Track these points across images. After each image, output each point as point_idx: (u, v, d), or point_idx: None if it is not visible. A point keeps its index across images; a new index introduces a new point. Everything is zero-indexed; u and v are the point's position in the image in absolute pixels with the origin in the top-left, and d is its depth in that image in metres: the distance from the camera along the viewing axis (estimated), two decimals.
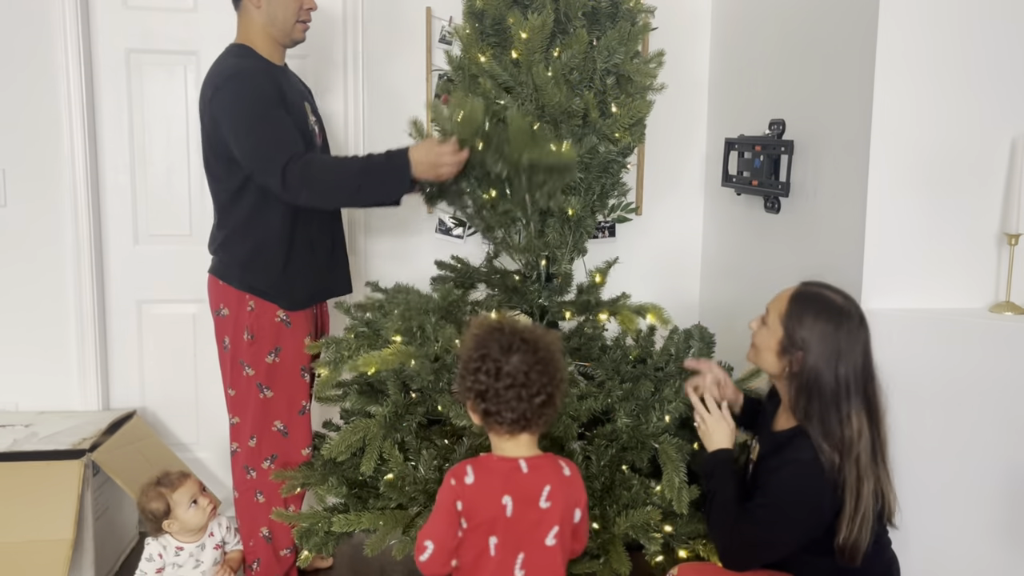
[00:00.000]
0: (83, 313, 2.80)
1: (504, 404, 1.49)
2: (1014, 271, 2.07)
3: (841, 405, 1.66)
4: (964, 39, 2.04)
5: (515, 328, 1.55)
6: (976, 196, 2.09)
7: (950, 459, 2.01)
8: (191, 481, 2.23)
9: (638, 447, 1.94)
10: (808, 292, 1.74)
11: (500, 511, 1.50)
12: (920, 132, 2.04)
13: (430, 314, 1.94)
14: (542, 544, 1.52)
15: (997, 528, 1.98)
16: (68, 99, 2.72)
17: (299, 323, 2.25)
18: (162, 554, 2.21)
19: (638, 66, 2.08)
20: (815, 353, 1.67)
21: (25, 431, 2.54)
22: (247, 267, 2.19)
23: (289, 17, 2.17)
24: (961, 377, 1.98)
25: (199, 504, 2.21)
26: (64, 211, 2.76)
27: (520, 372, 1.49)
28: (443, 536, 1.51)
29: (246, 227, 2.17)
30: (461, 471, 1.53)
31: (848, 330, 1.67)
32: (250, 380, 2.23)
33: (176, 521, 2.19)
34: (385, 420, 1.98)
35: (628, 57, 2.08)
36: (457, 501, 1.50)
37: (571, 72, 2.03)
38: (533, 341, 1.52)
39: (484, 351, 1.52)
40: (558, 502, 1.53)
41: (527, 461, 1.54)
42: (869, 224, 2.05)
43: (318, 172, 2.02)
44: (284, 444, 2.28)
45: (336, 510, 2.03)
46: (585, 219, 2.20)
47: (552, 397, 1.52)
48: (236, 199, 2.16)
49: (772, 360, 1.75)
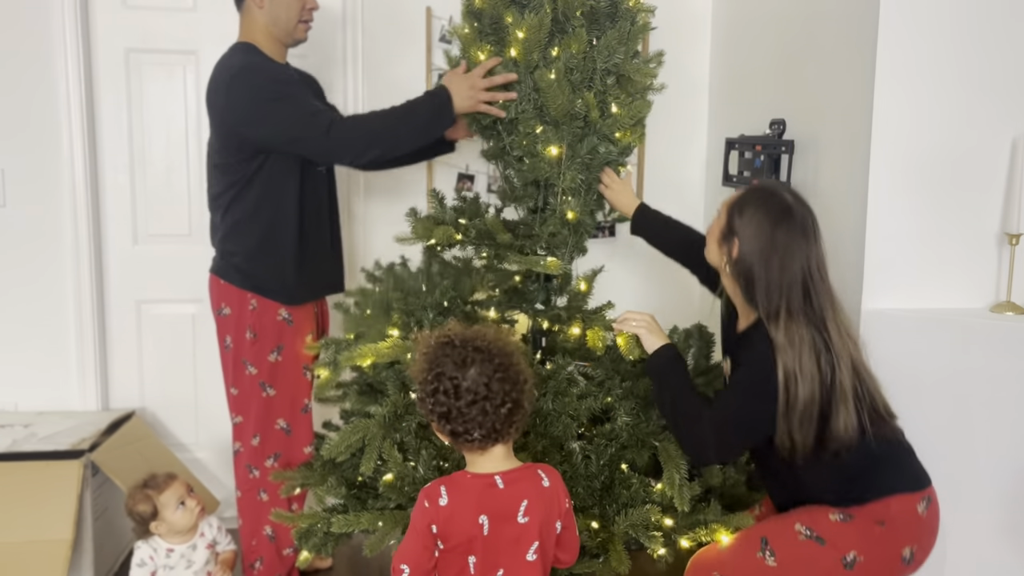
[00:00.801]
0: (82, 313, 2.80)
1: (471, 421, 1.43)
2: (1015, 271, 2.07)
3: (774, 301, 1.66)
4: (964, 39, 2.04)
5: (465, 338, 1.46)
6: (976, 196, 2.09)
7: (951, 459, 2.00)
8: (178, 483, 2.21)
9: (638, 446, 1.94)
10: (761, 187, 1.77)
11: (477, 531, 1.45)
12: (920, 132, 2.04)
13: (428, 310, 1.93)
14: (523, 560, 1.48)
15: (999, 528, 1.98)
16: (68, 99, 2.72)
17: (301, 321, 2.25)
18: (153, 556, 2.19)
19: (638, 66, 2.07)
20: (748, 244, 1.68)
21: (24, 431, 2.54)
22: (252, 259, 2.19)
23: (292, 17, 2.17)
24: (961, 377, 1.98)
25: (187, 505, 2.19)
26: (64, 211, 2.76)
27: (480, 385, 1.42)
28: (419, 559, 1.46)
29: (252, 220, 2.18)
30: (435, 492, 1.47)
31: (787, 230, 1.66)
32: (253, 379, 2.24)
33: (164, 523, 2.17)
34: (385, 420, 1.97)
35: (628, 57, 2.07)
36: (432, 524, 1.45)
37: (572, 72, 2.03)
38: (487, 349, 1.45)
39: (438, 370, 1.44)
40: (536, 516, 1.48)
41: (503, 476, 1.48)
42: (869, 224, 2.05)
43: (362, 123, 2.10)
44: (287, 442, 2.28)
45: (335, 511, 2.03)
46: (585, 219, 2.20)
47: (518, 402, 1.45)
48: (243, 193, 2.16)
49: (714, 249, 1.79)
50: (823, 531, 1.69)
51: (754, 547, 1.74)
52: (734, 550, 1.78)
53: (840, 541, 1.68)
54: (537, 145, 2.03)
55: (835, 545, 1.68)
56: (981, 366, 1.96)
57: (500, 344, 1.47)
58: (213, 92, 2.14)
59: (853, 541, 1.68)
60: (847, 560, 1.67)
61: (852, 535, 1.68)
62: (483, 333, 1.49)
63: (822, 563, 1.68)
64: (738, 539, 1.79)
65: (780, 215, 1.67)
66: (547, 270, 2.00)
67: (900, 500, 1.70)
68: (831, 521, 1.70)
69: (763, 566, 1.73)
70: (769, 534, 1.75)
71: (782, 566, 1.71)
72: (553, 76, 1.97)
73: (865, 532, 1.68)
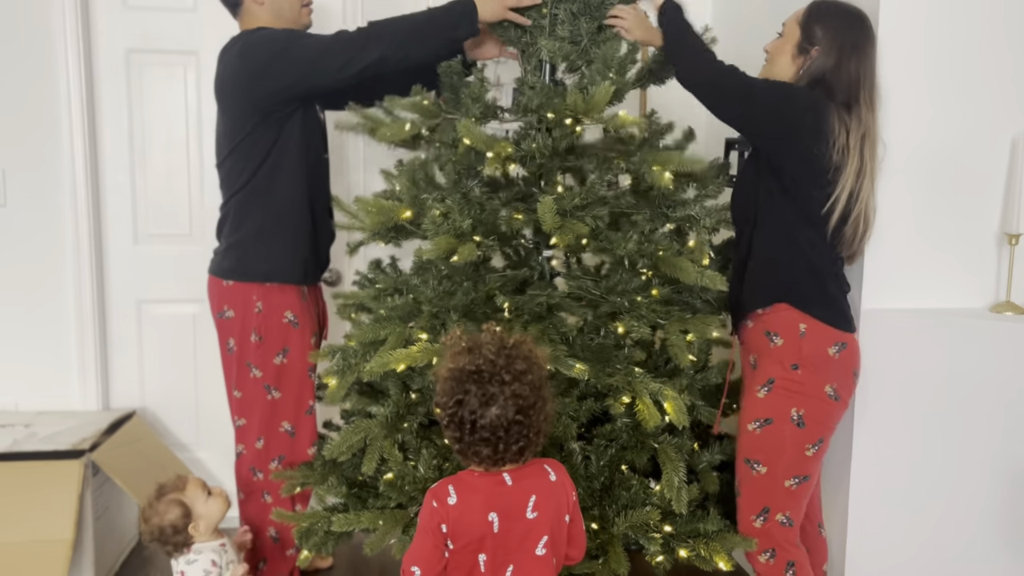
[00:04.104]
0: (83, 313, 2.80)
1: (480, 453, 1.44)
2: (1014, 271, 2.07)
3: (848, 98, 1.80)
4: (964, 39, 2.04)
5: (494, 371, 1.42)
6: (976, 196, 2.09)
7: (950, 458, 2.01)
8: (193, 479, 2.10)
9: (638, 447, 1.94)
10: (824, 2, 1.88)
11: (487, 528, 1.45)
12: (920, 132, 2.04)
13: (451, 312, 1.92)
14: (532, 554, 1.48)
15: (997, 527, 1.98)
16: (68, 99, 2.72)
17: (306, 323, 2.25)
18: (215, 561, 2.00)
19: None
20: (827, 48, 1.82)
21: (25, 431, 2.54)
22: (265, 238, 2.18)
23: (294, 5, 2.18)
24: (961, 377, 1.98)
25: (213, 493, 2.05)
26: (64, 211, 2.76)
27: (499, 428, 1.41)
28: (429, 559, 1.46)
29: (266, 197, 2.17)
30: (443, 492, 1.46)
31: (860, 28, 1.84)
32: (257, 382, 2.23)
33: (201, 519, 2.00)
34: (386, 420, 1.98)
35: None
36: (441, 524, 1.45)
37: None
38: (514, 388, 1.41)
39: (459, 397, 1.42)
40: (546, 511, 1.49)
41: (511, 473, 1.49)
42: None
43: (381, 26, 2.05)
44: (291, 444, 2.28)
45: (336, 510, 2.03)
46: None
47: (534, 441, 1.46)
48: (257, 172, 2.15)
49: (787, 64, 1.90)
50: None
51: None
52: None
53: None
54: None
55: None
56: (981, 366, 1.96)
57: (528, 379, 1.44)
58: (223, 67, 2.13)
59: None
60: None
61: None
62: (513, 362, 1.44)
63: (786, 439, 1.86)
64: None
65: (852, 18, 1.84)
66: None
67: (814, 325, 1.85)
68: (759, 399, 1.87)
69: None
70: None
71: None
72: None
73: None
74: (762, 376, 1.88)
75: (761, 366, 1.90)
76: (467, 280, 1.96)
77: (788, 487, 1.86)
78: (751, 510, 1.90)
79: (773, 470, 1.86)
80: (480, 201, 1.93)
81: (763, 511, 1.88)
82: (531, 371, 1.45)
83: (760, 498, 1.89)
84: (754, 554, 1.91)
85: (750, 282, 1.92)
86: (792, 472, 1.86)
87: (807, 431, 1.84)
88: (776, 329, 1.87)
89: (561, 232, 1.81)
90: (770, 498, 1.88)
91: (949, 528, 2.03)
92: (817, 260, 1.86)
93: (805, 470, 1.87)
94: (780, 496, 1.87)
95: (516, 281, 2.04)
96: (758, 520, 1.89)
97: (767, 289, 1.89)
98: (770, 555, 1.90)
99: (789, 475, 1.86)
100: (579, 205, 1.90)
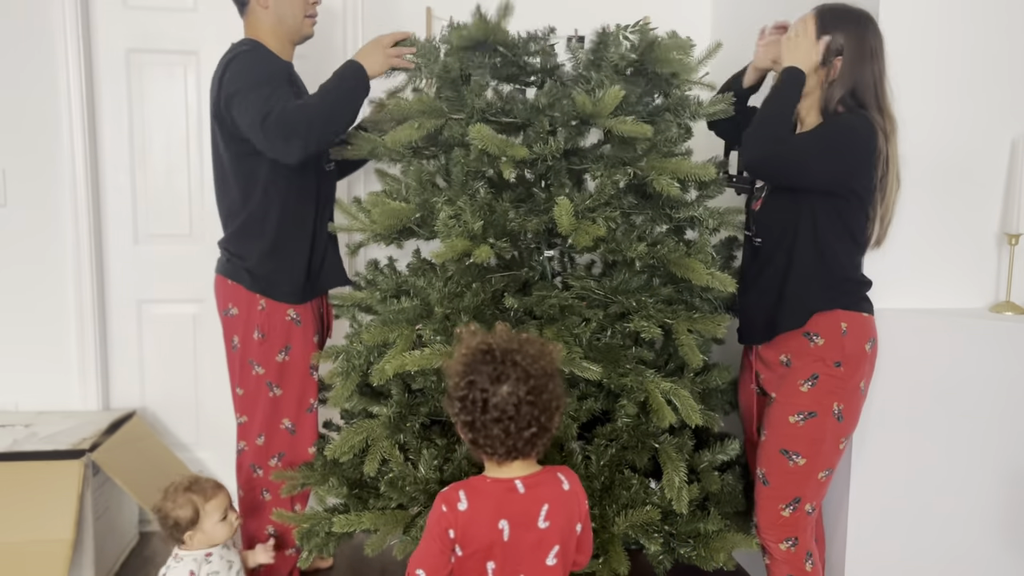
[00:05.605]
0: (83, 313, 2.81)
1: (493, 438, 1.41)
2: (1014, 271, 2.08)
3: (869, 102, 1.83)
4: (964, 40, 2.04)
5: (506, 350, 1.42)
6: (976, 196, 2.10)
7: (950, 458, 2.01)
8: (224, 494, 2.07)
9: (638, 447, 1.94)
10: (830, 6, 1.88)
11: (497, 536, 1.43)
12: (920, 132, 2.04)
13: (461, 313, 1.92)
14: (543, 564, 1.46)
15: (998, 527, 1.98)
16: (68, 99, 2.72)
17: (308, 321, 2.26)
18: (194, 571, 2.01)
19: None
20: (852, 57, 1.83)
21: (25, 431, 2.54)
22: (263, 263, 2.19)
23: (297, 14, 2.18)
24: (961, 377, 1.98)
25: (228, 519, 2.05)
26: (64, 211, 2.76)
27: (509, 405, 1.39)
28: (435, 564, 1.44)
29: (264, 223, 2.17)
30: (453, 497, 1.44)
31: (876, 32, 1.85)
32: (259, 379, 2.24)
33: (202, 533, 2.01)
34: (388, 421, 1.98)
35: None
36: (450, 529, 1.43)
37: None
38: (525, 367, 1.41)
39: (471, 378, 1.41)
40: (558, 520, 1.46)
41: (523, 480, 1.46)
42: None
43: (291, 115, 1.99)
44: (292, 442, 2.28)
45: (336, 510, 2.03)
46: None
47: (545, 427, 1.43)
48: (253, 195, 2.16)
49: (811, 81, 1.88)
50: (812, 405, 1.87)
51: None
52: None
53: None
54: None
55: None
56: (981, 366, 1.96)
57: (539, 364, 1.43)
58: (216, 79, 2.13)
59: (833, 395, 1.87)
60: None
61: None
62: (525, 347, 1.44)
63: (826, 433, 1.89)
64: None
65: (866, 20, 1.85)
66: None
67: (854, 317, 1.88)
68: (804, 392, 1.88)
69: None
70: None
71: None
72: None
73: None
74: (803, 372, 1.89)
75: (798, 364, 1.91)
76: (474, 281, 1.96)
77: (820, 479, 1.91)
78: (781, 499, 1.92)
79: (812, 462, 1.89)
80: (488, 202, 1.93)
81: (794, 501, 1.91)
82: (543, 357, 1.45)
83: (793, 488, 1.91)
84: (774, 542, 1.93)
85: (789, 297, 1.91)
86: (826, 464, 1.91)
87: (844, 424, 1.89)
88: (816, 330, 1.88)
89: (577, 234, 1.82)
90: (803, 489, 1.90)
91: (949, 528, 2.03)
92: (849, 263, 1.90)
93: (835, 463, 1.93)
94: (812, 487, 1.91)
95: (519, 281, 2.04)
96: (787, 509, 1.91)
97: (806, 304, 1.89)
98: (792, 543, 1.93)
99: (823, 467, 1.90)
100: (590, 207, 1.91)
